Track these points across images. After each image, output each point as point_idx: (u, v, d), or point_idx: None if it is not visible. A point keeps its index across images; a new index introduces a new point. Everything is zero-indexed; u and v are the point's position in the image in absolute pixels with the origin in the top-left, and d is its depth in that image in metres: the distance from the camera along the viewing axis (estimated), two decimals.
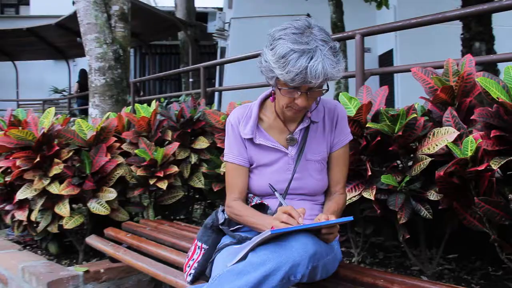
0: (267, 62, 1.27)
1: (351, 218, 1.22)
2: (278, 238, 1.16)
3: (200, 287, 1.17)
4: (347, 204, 1.94)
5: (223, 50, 14.84)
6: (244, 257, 1.17)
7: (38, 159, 2.26)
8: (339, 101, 2.10)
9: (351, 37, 3.09)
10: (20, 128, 2.38)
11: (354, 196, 1.95)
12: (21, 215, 2.50)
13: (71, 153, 2.38)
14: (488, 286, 1.99)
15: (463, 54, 4.92)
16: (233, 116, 1.50)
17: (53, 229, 2.44)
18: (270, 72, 1.28)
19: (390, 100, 9.62)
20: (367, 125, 1.84)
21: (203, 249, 1.47)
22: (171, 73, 8.71)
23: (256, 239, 1.14)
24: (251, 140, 1.45)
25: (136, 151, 2.56)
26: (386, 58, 11.19)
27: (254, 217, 1.36)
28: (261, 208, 1.42)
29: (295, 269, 1.11)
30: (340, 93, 2.13)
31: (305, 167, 1.44)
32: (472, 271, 2.17)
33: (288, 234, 1.16)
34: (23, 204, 2.53)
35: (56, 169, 2.27)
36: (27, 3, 18.44)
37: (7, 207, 2.63)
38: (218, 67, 14.13)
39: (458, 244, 2.35)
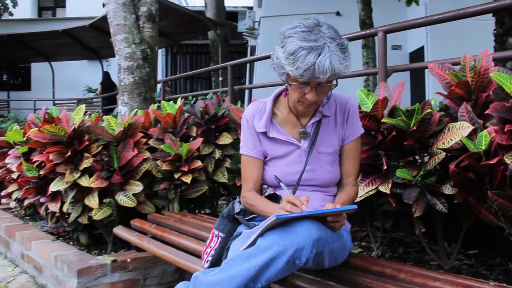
0: (278, 59, 1.34)
1: (355, 206, 1.27)
2: (285, 224, 1.22)
3: (213, 270, 1.25)
4: (365, 198, 1.99)
5: (253, 49, 14.92)
6: (253, 243, 1.24)
7: (69, 153, 2.40)
8: (358, 97, 2.15)
9: (374, 34, 3.10)
10: (53, 124, 2.52)
11: (371, 190, 1.98)
12: (54, 207, 2.65)
13: (100, 148, 2.50)
14: (506, 282, 1.99)
15: (495, 50, 4.81)
16: (248, 111, 1.57)
17: (83, 220, 2.57)
18: (281, 69, 1.35)
19: (421, 96, 9.47)
20: (382, 120, 1.87)
21: (220, 237, 1.55)
22: (199, 72, 8.85)
23: (263, 224, 1.21)
24: (265, 133, 1.53)
25: (162, 146, 2.66)
26: (417, 55, 11.00)
27: (266, 206, 1.43)
28: (274, 198, 1.49)
29: (299, 253, 1.17)
30: (358, 89, 2.16)
31: (317, 159, 1.50)
32: (491, 266, 2.16)
33: (294, 220, 1.22)
34: (56, 196, 2.68)
35: (86, 163, 2.40)
36: (63, 6, 19.06)
37: (42, 199, 2.79)
38: (248, 65, 14.23)
39: (479, 240, 2.34)
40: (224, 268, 1.22)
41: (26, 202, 2.98)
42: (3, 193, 3.67)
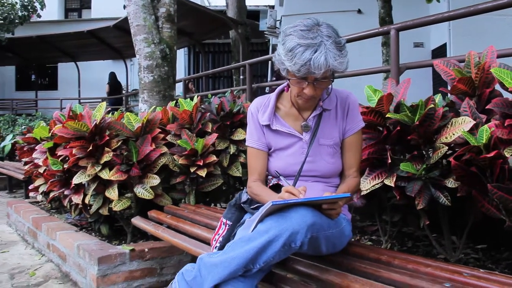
0: (279, 56, 1.43)
1: (348, 194, 1.35)
2: (282, 210, 1.31)
3: (218, 252, 1.34)
4: (373, 192, 2.05)
5: (274, 48, 14.97)
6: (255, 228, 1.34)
7: (90, 148, 2.54)
8: (365, 93, 2.22)
9: (387, 32, 3.14)
10: (76, 120, 2.66)
11: (377, 184, 2.04)
12: (77, 199, 2.80)
13: (119, 143, 2.64)
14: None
15: None
16: (253, 105, 1.67)
17: (104, 211, 2.71)
18: (281, 64, 1.44)
19: (443, 93, 9.35)
20: (387, 115, 1.93)
21: (227, 225, 1.65)
22: (219, 70, 8.98)
23: (262, 210, 1.30)
24: (268, 126, 1.62)
25: (178, 141, 2.77)
26: (440, 52, 10.86)
27: (269, 196, 1.51)
28: (278, 188, 1.57)
29: (294, 237, 1.26)
30: (366, 86, 2.22)
31: (318, 151, 1.58)
32: (498, 261, 2.19)
33: (290, 207, 1.30)
34: (79, 189, 2.83)
35: (106, 157, 2.53)
36: (89, 7, 19.52)
37: (66, 192, 2.95)
38: (269, 63, 14.30)
39: (487, 235, 2.37)
40: (227, 250, 1.32)
41: (51, 195, 3.14)
42: (31, 187, 3.87)
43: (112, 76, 14.53)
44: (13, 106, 16.66)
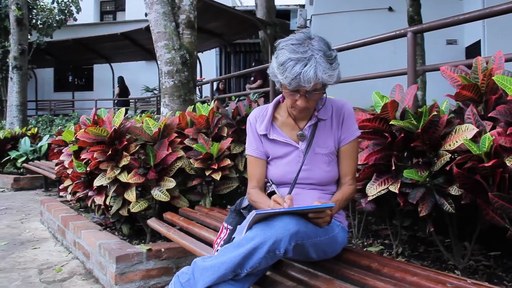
0: (272, 69, 1.48)
1: (332, 204, 1.39)
2: (268, 219, 1.36)
3: (211, 256, 1.42)
4: (384, 197, 2.06)
5: None
6: None
7: (109, 152, 2.66)
8: (373, 100, 2.23)
9: (403, 35, 3.11)
10: (96, 126, 2.79)
11: (383, 190, 2.06)
12: (99, 200, 2.93)
13: (137, 147, 2.75)
14: None
15: None
16: (252, 115, 1.73)
17: (123, 212, 2.83)
18: (275, 77, 1.49)
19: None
20: (390, 122, 1.94)
21: (228, 229, 1.71)
22: (244, 72, 9.05)
23: (248, 219, 1.36)
24: (265, 135, 1.67)
25: (194, 145, 2.86)
26: (474, 50, 10.56)
27: (265, 203, 1.57)
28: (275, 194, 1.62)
29: (278, 244, 1.31)
30: (373, 92, 2.23)
31: (313, 159, 1.62)
32: (509, 269, 2.16)
33: (276, 215, 1.36)
34: (101, 190, 2.96)
35: (124, 161, 2.65)
36: (123, 9, 20.05)
37: (90, 193, 3.09)
38: None
39: (502, 242, 2.33)
40: (218, 255, 1.39)
41: (76, 195, 3.30)
42: (61, 187, 4.06)
43: (121, 80, 15.52)
44: (51, 107, 17.34)
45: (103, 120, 2.91)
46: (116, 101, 15.49)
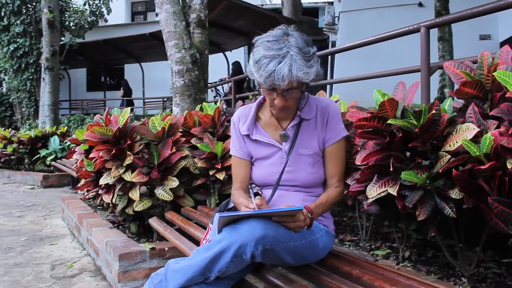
0: (250, 67, 1.43)
1: (301, 207, 1.32)
2: (236, 222, 1.31)
3: (184, 258, 1.38)
4: (388, 200, 1.98)
5: (333, 44, 14.76)
6: None
7: (114, 151, 2.67)
8: (374, 98, 2.14)
9: (417, 30, 3.00)
10: (102, 125, 2.82)
11: (383, 192, 1.97)
12: (107, 198, 2.96)
13: (141, 146, 2.75)
14: None
15: None
16: (235, 115, 1.68)
17: (129, 210, 2.85)
18: (252, 75, 1.44)
19: None
20: (388, 122, 1.85)
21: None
22: None
23: (215, 222, 1.32)
24: (248, 136, 1.62)
25: (199, 145, 2.84)
26: (510, 45, 10.11)
27: (248, 205, 1.52)
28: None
29: (244, 249, 1.26)
30: (375, 90, 2.14)
31: (297, 161, 1.56)
32: None
33: (244, 219, 1.31)
34: (109, 189, 2.99)
35: (128, 160, 2.65)
36: (154, 10, 20.35)
37: (99, 191, 3.13)
38: (329, 60, 14.07)
39: None
40: (189, 257, 1.35)
41: (88, 193, 3.35)
42: (79, 184, 4.13)
43: (125, 82, 16.91)
44: (83, 106, 17.81)
45: (110, 120, 2.93)
46: (121, 101, 16.73)
